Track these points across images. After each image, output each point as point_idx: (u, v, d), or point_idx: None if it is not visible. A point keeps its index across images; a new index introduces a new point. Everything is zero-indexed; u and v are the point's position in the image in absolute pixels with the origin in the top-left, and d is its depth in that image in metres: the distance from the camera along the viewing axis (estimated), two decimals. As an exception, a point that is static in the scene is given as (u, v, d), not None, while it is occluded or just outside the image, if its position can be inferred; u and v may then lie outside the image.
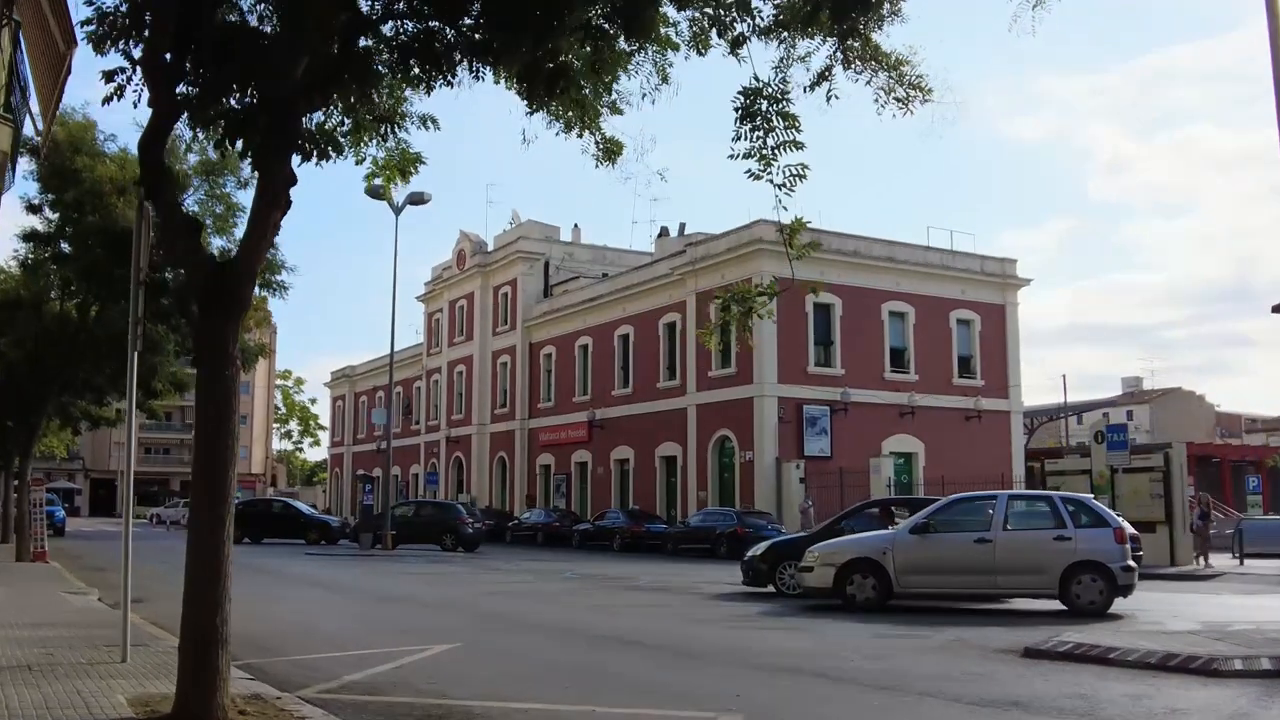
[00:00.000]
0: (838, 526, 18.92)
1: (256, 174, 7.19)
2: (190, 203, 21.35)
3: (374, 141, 8.57)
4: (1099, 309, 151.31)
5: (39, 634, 10.65)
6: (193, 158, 21.75)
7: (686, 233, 47.04)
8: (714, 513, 33.80)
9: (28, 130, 20.74)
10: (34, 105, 12.36)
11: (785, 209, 7.45)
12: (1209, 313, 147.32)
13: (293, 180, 7.00)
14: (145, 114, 7.08)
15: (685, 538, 33.63)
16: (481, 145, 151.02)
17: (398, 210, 29.82)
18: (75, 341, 21.97)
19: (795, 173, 7.44)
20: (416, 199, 29.58)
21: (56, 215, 21.79)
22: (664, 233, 48.89)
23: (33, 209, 22.26)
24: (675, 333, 42.77)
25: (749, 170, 7.43)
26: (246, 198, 22.60)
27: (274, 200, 6.97)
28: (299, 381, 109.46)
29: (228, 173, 21.76)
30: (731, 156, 7.46)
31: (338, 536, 37.09)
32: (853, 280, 39.77)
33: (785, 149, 7.36)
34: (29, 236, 22.23)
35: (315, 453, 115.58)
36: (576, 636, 12.00)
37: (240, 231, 23.69)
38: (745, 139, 7.40)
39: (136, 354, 9.26)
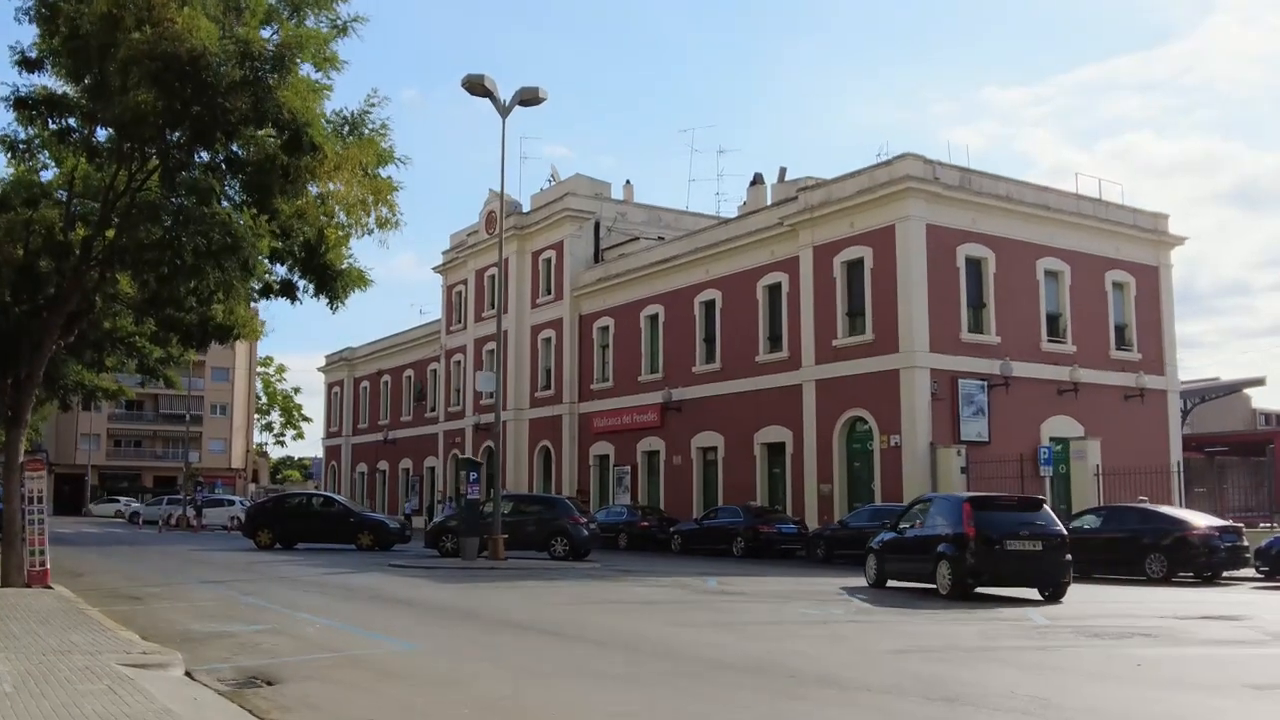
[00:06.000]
0: None
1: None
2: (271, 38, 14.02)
3: None
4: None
5: None
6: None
7: (788, 179, 39.94)
8: (882, 510, 26.89)
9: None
10: None
11: None
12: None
13: None
14: None
15: (844, 542, 26.81)
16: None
17: (505, 110, 22.52)
18: (87, 256, 14.64)
19: None
20: (529, 97, 22.32)
21: (63, 67, 14.42)
22: (758, 180, 41.79)
23: (27, 64, 14.95)
24: (781, 295, 35.81)
25: None
26: (347, 49, 15.27)
27: None
28: (281, 369, 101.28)
29: (319, 6, 14.52)
30: None
31: (394, 540, 29.66)
32: (1005, 231, 33.15)
33: None
34: (21, 103, 14.81)
35: (280, 449, 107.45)
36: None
37: (336, 105, 16.31)
38: None
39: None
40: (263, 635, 10.56)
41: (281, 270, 15.59)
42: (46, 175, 16.62)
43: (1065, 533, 17.37)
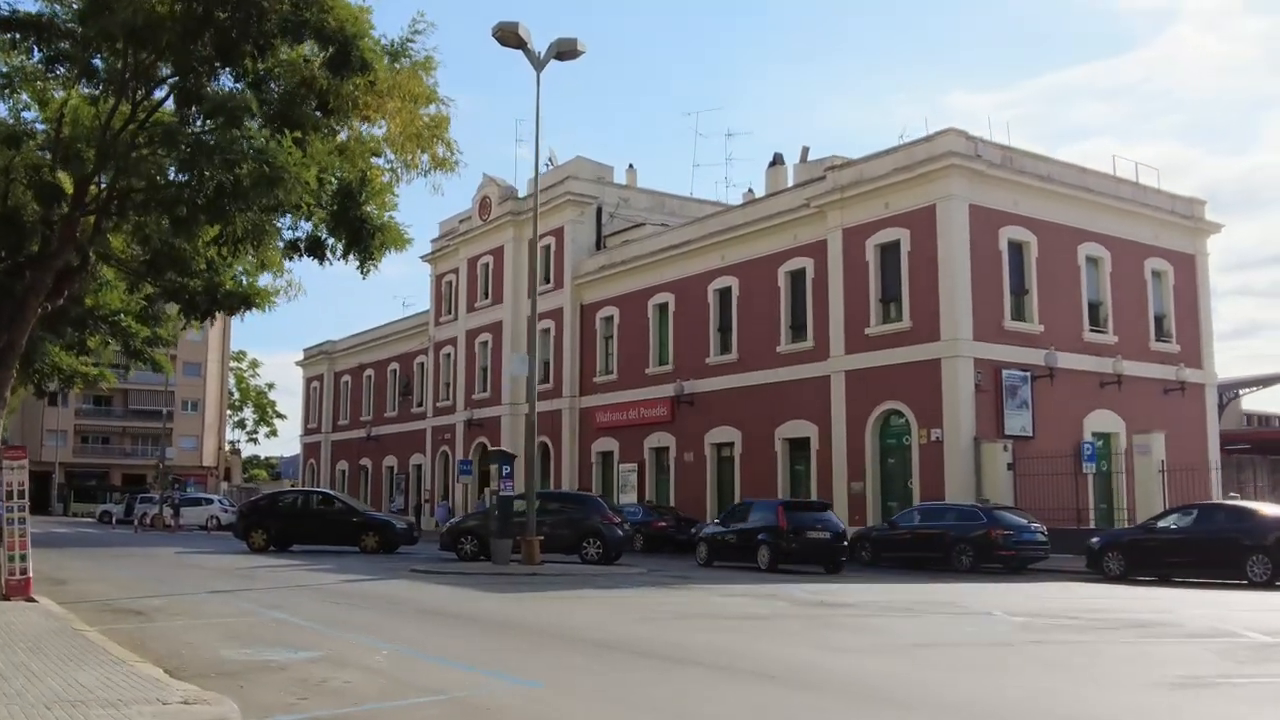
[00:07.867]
0: None
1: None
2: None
3: None
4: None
5: None
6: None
7: (811, 159, 37.83)
8: (938, 509, 24.95)
9: None
10: None
11: None
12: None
13: None
14: None
15: (894, 544, 24.78)
16: (500, 87, 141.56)
17: (540, 64, 20.26)
18: (81, 201, 12.24)
19: None
20: (567, 49, 20.06)
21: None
22: (777, 160, 39.68)
23: (8, -20, 12.56)
24: (806, 281, 33.73)
25: None
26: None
27: None
28: (254, 364, 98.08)
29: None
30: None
31: (400, 542, 27.27)
32: (1046, 214, 31.29)
33: None
34: (5, 24, 12.41)
35: (253, 447, 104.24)
36: None
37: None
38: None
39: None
40: (322, 667, 8.26)
41: (307, 226, 13.22)
42: (29, 116, 14.21)
43: (844, 528, 24.18)
